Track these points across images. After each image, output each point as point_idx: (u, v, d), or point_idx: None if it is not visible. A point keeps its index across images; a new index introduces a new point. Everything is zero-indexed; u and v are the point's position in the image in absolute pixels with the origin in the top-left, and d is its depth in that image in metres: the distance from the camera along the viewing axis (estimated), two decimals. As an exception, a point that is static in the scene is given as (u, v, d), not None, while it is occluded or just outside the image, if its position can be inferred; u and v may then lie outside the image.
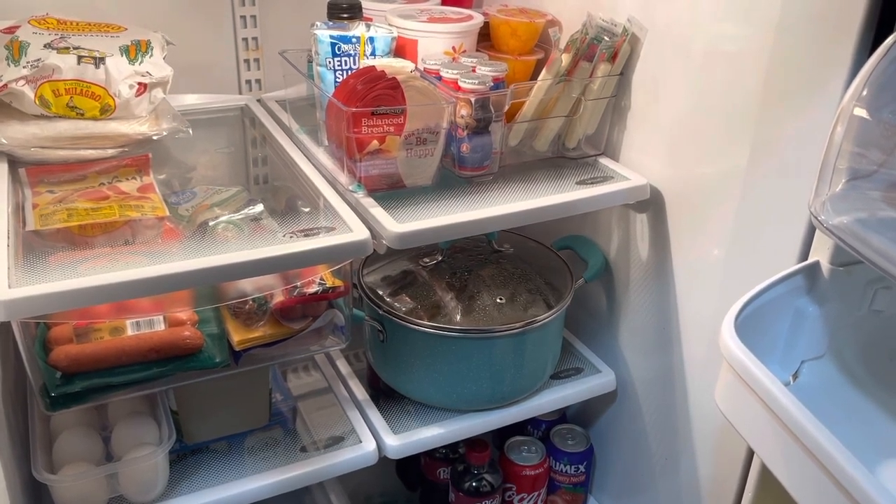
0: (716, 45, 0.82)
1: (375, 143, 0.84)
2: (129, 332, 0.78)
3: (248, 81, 1.13)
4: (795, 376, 0.69)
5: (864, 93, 0.59)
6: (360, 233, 0.78)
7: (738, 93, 0.80)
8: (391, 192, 0.86)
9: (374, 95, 0.82)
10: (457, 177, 0.90)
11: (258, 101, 1.12)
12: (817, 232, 0.71)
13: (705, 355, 0.91)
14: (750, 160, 0.80)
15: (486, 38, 1.05)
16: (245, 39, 1.10)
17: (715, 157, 0.85)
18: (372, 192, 0.85)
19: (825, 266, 0.68)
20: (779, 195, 0.77)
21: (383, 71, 0.85)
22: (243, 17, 1.09)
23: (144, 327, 0.79)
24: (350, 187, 0.86)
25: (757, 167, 0.79)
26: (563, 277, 1.01)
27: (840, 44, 0.67)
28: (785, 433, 0.55)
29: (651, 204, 0.95)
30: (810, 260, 0.69)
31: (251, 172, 1.07)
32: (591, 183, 0.92)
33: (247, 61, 1.12)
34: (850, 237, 0.55)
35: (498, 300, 0.96)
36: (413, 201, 0.85)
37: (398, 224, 0.80)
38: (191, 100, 1.08)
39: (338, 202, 0.84)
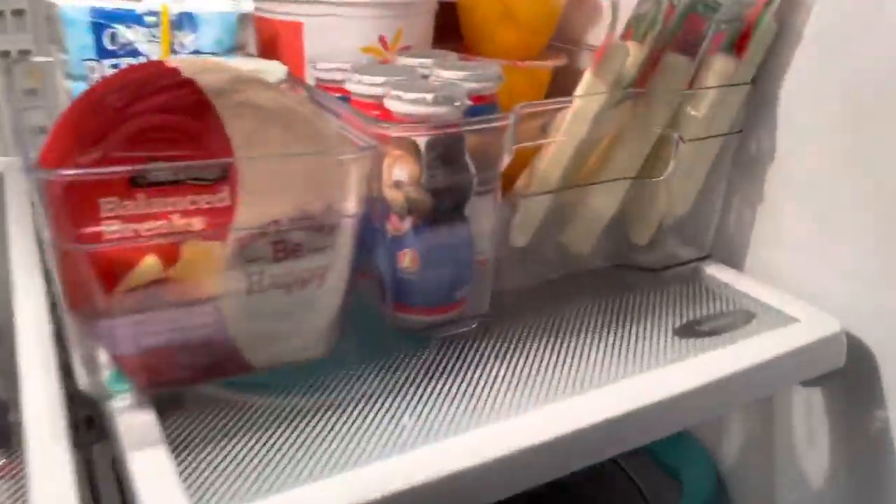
0: None
1: (151, 261, 0.30)
2: None
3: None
4: None
5: None
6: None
7: None
8: (209, 388, 0.32)
9: (139, 128, 0.29)
10: (390, 331, 0.37)
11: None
12: None
13: None
14: None
15: (448, 31, 0.54)
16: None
17: None
18: (150, 390, 0.31)
19: None
20: None
21: (176, 67, 0.31)
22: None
23: None
24: (99, 387, 0.31)
25: None
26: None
27: None
28: None
29: (838, 371, 0.42)
30: None
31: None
32: (710, 333, 0.39)
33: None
34: None
35: None
36: (267, 419, 0.31)
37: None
38: None
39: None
